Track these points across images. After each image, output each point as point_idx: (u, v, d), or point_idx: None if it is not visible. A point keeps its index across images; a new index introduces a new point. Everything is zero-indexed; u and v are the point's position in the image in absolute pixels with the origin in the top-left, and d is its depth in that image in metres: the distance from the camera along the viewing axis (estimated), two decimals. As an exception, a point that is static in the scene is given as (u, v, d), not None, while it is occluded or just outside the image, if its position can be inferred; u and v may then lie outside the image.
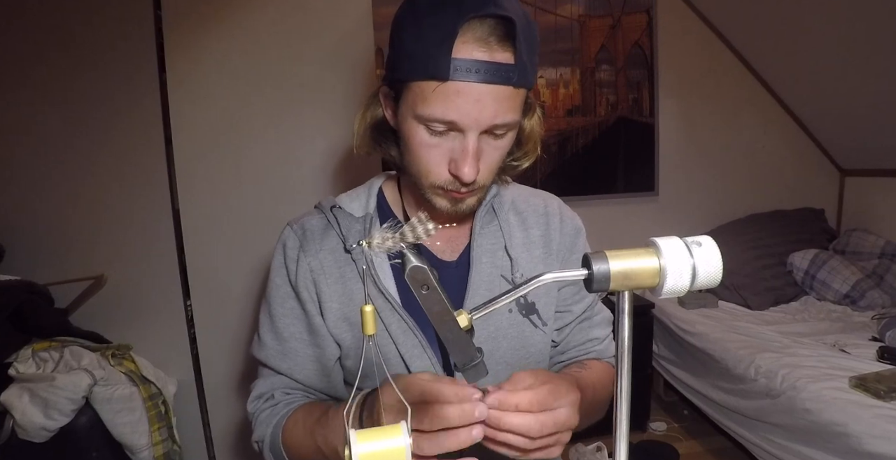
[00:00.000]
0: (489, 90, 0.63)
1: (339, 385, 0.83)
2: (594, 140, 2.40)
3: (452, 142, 0.67)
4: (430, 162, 0.69)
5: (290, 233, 0.81)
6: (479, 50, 0.62)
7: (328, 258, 0.78)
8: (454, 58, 0.61)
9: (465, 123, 0.64)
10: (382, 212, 0.82)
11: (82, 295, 1.77)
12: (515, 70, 0.63)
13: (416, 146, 0.68)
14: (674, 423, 2.37)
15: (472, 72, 0.62)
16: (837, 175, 2.75)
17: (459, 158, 0.66)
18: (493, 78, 0.62)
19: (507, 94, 0.64)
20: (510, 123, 0.67)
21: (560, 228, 0.85)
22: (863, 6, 1.89)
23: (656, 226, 2.49)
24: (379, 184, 0.84)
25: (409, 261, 0.38)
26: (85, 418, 1.47)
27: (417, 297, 0.38)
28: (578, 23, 2.31)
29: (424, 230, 0.40)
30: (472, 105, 0.63)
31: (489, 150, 0.68)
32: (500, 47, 0.63)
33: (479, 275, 0.78)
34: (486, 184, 0.72)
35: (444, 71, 0.61)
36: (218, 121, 1.92)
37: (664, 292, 0.40)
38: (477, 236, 0.80)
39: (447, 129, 0.66)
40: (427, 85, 0.63)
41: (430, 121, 0.65)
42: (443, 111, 0.63)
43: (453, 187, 0.69)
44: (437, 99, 0.63)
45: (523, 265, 0.80)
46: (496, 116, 0.64)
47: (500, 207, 0.83)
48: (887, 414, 1.43)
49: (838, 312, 2.24)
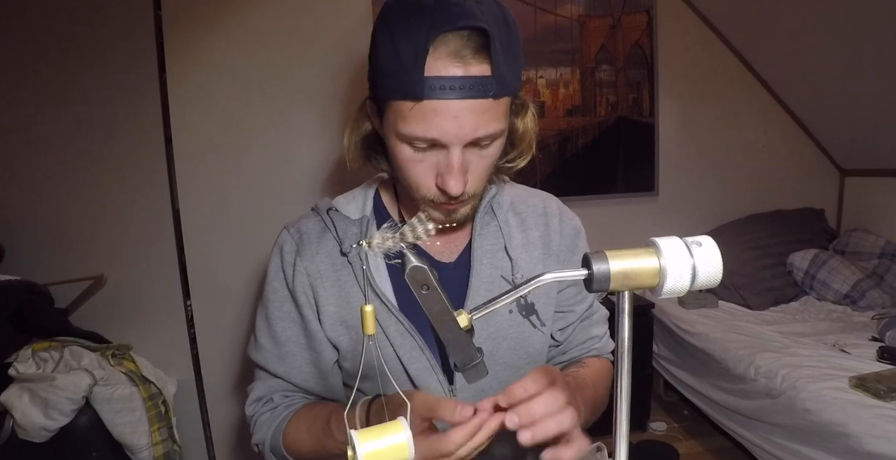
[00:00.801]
0: (467, 105, 0.61)
1: (337, 386, 0.83)
2: (594, 140, 2.40)
3: (437, 156, 0.65)
4: (417, 177, 0.67)
5: (286, 236, 0.81)
6: (453, 65, 0.60)
7: (325, 261, 0.77)
8: (427, 76, 0.59)
9: (446, 140, 0.62)
10: (379, 214, 0.82)
11: (82, 295, 1.77)
12: (493, 82, 0.61)
13: (401, 162, 0.67)
14: (674, 423, 2.37)
15: (447, 89, 0.59)
16: (837, 175, 2.75)
17: (445, 172, 0.65)
18: (470, 93, 0.60)
19: (487, 107, 0.62)
20: (493, 134, 0.65)
21: (560, 229, 0.85)
22: (863, 6, 1.89)
23: (656, 226, 2.49)
24: (375, 186, 0.84)
25: (409, 261, 0.38)
26: (85, 418, 1.47)
27: (417, 297, 0.39)
28: (578, 23, 2.31)
29: (424, 230, 0.40)
30: (451, 121, 0.61)
31: (476, 161, 0.67)
32: (476, 60, 0.60)
33: (479, 277, 0.77)
34: (477, 193, 0.71)
35: (418, 90, 0.59)
36: (218, 121, 1.92)
37: (664, 292, 0.40)
38: (477, 237, 0.79)
39: (430, 146, 0.64)
40: (404, 104, 0.62)
41: (412, 140, 0.64)
42: (423, 129, 0.62)
43: (443, 200, 0.68)
44: (414, 118, 0.62)
45: (523, 266, 0.80)
46: (477, 130, 0.63)
47: (498, 208, 0.82)
48: (887, 414, 1.43)
49: (838, 312, 2.24)
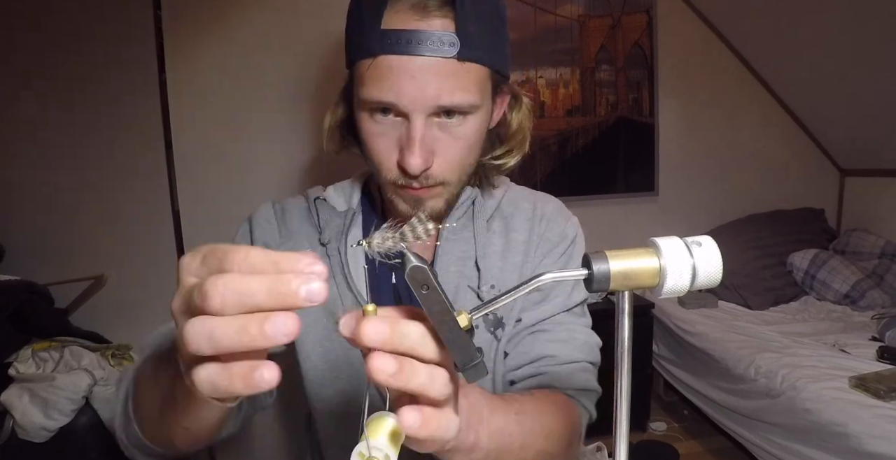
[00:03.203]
0: (428, 64, 0.55)
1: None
2: (594, 140, 2.40)
3: (399, 129, 0.59)
4: (379, 153, 0.61)
5: (268, 208, 0.76)
6: (412, 18, 0.54)
7: (303, 244, 0.73)
8: (384, 29, 0.54)
9: (403, 104, 0.56)
10: (366, 208, 0.78)
11: (82, 295, 1.77)
12: (456, 39, 0.55)
13: (364, 136, 0.62)
14: (674, 423, 2.37)
15: (403, 43, 0.54)
16: (837, 175, 2.75)
17: (405, 146, 0.58)
18: (430, 48, 0.54)
19: (452, 70, 0.56)
20: (461, 105, 0.58)
21: (543, 233, 0.76)
22: (863, 6, 1.89)
23: (656, 226, 2.49)
24: (364, 178, 0.79)
25: (409, 261, 0.38)
26: (85, 418, 1.47)
27: (417, 297, 0.38)
28: (578, 23, 2.31)
29: (424, 230, 0.40)
30: (409, 82, 0.55)
31: (444, 140, 0.60)
32: (439, 13, 0.55)
33: (443, 283, 0.71)
34: (447, 181, 0.63)
35: (374, 44, 0.54)
36: (218, 122, 1.92)
37: (664, 292, 0.40)
38: (445, 242, 0.72)
39: (393, 115, 0.59)
40: (363, 64, 0.57)
41: (370, 104, 0.58)
42: (378, 92, 0.56)
43: (405, 182, 0.61)
44: (371, 78, 0.56)
45: (497, 274, 0.71)
46: (440, 95, 0.56)
47: (479, 212, 0.74)
48: (887, 414, 1.43)
49: (838, 312, 2.24)
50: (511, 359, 0.71)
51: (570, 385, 0.67)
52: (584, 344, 0.71)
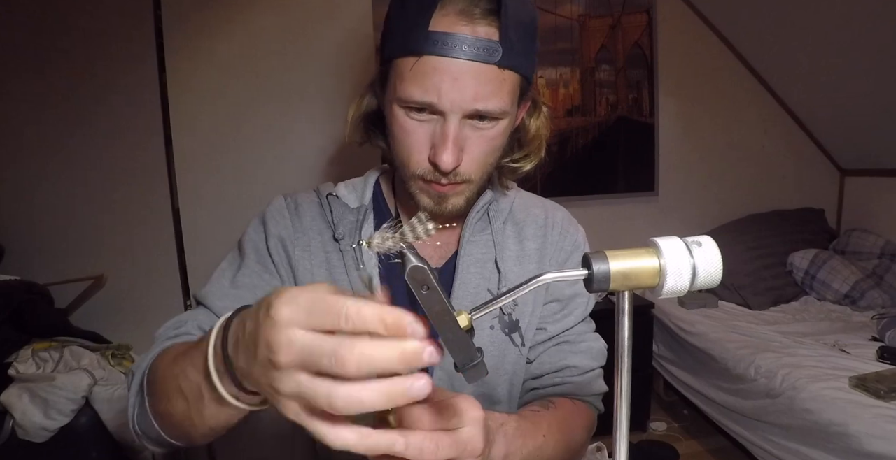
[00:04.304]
0: (470, 68, 0.58)
1: None
2: (594, 140, 2.40)
3: (433, 127, 0.62)
4: (411, 148, 0.64)
5: (281, 202, 0.77)
6: (459, 23, 0.57)
7: (316, 239, 0.74)
8: (431, 31, 0.57)
9: (443, 105, 0.59)
10: (377, 204, 0.79)
11: (82, 295, 1.77)
12: (500, 47, 0.58)
13: (397, 131, 0.64)
14: (674, 423, 2.37)
15: (449, 45, 0.56)
16: (837, 175, 2.75)
17: (439, 143, 0.61)
18: (475, 54, 0.57)
19: (491, 75, 0.59)
20: (494, 111, 0.61)
21: (558, 242, 0.79)
22: (863, 6, 1.89)
23: (656, 226, 2.49)
24: (376, 176, 0.81)
25: (410, 260, 0.38)
26: (85, 418, 1.47)
27: (417, 297, 0.38)
28: (578, 23, 2.31)
29: (424, 230, 0.40)
30: (451, 84, 0.58)
31: (475, 140, 0.63)
32: (484, 21, 0.58)
33: (463, 285, 0.73)
34: (472, 179, 0.66)
35: (421, 45, 0.57)
36: (218, 120, 1.92)
37: (664, 292, 0.40)
38: (466, 243, 0.74)
39: (428, 112, 0.61)
40: (405, 62, 0.59)
41: (409, 103, 0.61)
42: (421, 92, 0.59)
43: (433, 178, 0.64)
44: (414, 77, 0.59)
45: (513, 280, 0.74)
46: (477, 99, 0.59)
47: (495, 216, 0.77)
48: (887, 414, 1.43)
49: (838, 312, 2.24)
50: (535, 367, 0.77)
51: (590, 392, 0.76)
52: (599, 352, 0.78)
